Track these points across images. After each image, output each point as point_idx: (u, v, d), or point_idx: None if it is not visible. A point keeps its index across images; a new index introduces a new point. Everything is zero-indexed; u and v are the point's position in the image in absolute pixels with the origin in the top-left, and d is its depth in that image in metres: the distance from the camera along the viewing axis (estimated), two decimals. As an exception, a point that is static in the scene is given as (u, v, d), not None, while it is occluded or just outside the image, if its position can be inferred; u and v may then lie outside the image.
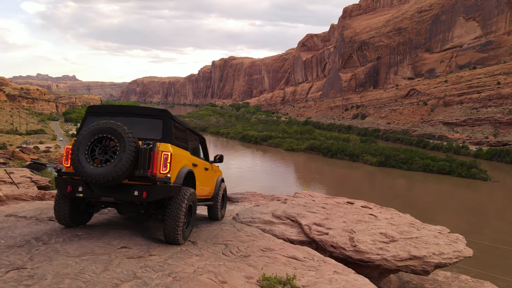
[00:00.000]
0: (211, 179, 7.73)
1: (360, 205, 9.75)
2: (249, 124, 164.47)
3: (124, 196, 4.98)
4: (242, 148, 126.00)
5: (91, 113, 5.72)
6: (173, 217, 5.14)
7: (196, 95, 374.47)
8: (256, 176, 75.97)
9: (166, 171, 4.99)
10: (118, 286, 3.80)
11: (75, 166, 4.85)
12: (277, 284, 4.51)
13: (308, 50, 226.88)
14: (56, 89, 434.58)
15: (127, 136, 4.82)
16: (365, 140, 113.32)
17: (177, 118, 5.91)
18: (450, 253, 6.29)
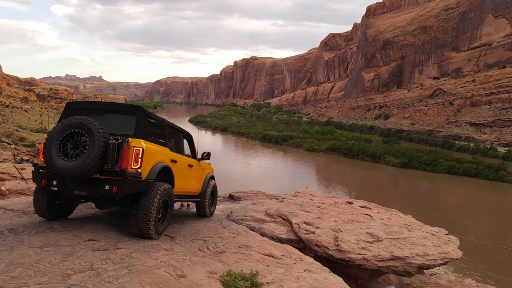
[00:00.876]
0: (198, 176, 7.69)
1: (358, 205, 9.45)
2: (270, 124, 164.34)
3: (96, 190, 5.05)
4: (262, 148, 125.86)
5: (69, 109, 5.80)
6: (145, 212, 5.17)
7: (218, 95, 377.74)
8: (276, 176, 75.66)
9: (137, 166, 5.04)
10: (69, 276, 3.74)
11: (46, 160, 4.98)
12: (239, 280, 4.37)
13: (331, 49, 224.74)
14: (83, 89, 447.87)
15: (97, 131, 4.88)
16: (388, 141, 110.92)
17: (154, 115, 5.93)
18: (435, 254, 5.97)
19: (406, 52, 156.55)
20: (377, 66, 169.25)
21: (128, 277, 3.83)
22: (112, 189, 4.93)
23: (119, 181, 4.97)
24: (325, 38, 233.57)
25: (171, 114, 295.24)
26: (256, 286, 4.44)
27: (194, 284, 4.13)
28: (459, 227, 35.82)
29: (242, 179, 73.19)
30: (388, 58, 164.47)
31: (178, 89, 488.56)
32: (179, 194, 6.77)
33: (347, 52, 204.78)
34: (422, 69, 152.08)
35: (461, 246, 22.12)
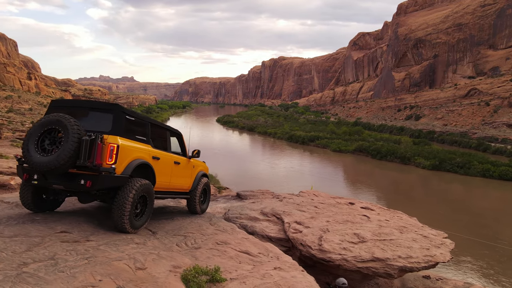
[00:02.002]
0: (187, 173, 7.77)
1: (360, 206, 9.17)
2: (297, 125, 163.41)
3: (72, 185, 5.23)
4: (288, 148, 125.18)
5: (53, 107, 6.01)
6: (120, 206, 5.31)
7: (246, 95, 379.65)
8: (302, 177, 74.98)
9: (112, 162, 5.20)
10: (26, 265, 3.81)
11: (24, 155, 5.22)
12: (201, 274, 4.32)
13: (360, 49, 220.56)
14: (116, 90, 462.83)
15: (71, 127, 5.06)
16: (418, 142, 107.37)
17: (134, 113, 6.05)
18: (419, 257, 5.68)
19: (439, 51, 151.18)
20: (408, 65, 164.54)
21: (83, 268, 3.87)
22: (87, 183, 5.11)
23: (94, 176, 5.13)
24: (354, 37, 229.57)
25: (200, 114, 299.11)
26: (217, 281, 4.40)
27: (150, 276, 4.12)
28: (490, 232, 34.13)
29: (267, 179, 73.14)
30: (420, 57, 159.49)
31: (207, 89, 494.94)
32: (164, 190, 6.89)
33: (377, 51, 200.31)
34: (456, 68, 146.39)
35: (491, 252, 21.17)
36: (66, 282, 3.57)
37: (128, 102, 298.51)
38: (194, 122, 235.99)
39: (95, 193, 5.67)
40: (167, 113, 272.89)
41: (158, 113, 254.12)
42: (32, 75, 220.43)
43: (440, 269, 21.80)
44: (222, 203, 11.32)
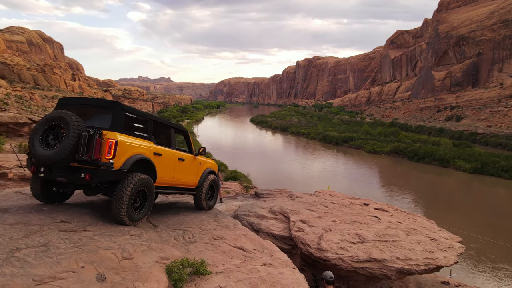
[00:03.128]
0: (192, 170, 7.90)
1: (373, 207, 8.90)
2: (331, 125, 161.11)
3: (73, 178, 5.50)
4: (322, 149, 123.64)
5: (61, 104, 6.32)
6: (118, 199, 5.54)
7: (280, 95, 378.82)
8: (335, 178, 73.78)
9: (110, 156, 5.41)
10: (18, 250, 4.02)
11: (30, 149, 5.57)
12: (187, 266, 4.39)
13: (398, 47, 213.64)
14: (153, 90, 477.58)
15: (72, 123, 5.32)
16: (459, 144, 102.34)
17: (136, 110, 6.25)
18: (419, 259, 5.42)
19: (483, 49, 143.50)
20: (450, 64, 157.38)
21: (70, 255, 4.04)
22: (86, 176, 5.36)
23: (93, 170, 5.37)
24: (392, 36, 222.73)
25: (233, 114, 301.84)
26: (201, 274, 4.44)
27: (133, 265, 4.23)
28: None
29: (299, 180, 72.64)
30: (462, 55, 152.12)
31: (241, 89, 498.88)
32: (168, 186, 7.07)
33: (416, 49, 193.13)
34: (502, 67, 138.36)
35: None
36: (49, 267, 3.75)
37: (165, 102, 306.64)
38: (228, 122, 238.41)
39: (98, 186, 5.90)
40: (202, 113, 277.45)
41: (193, 112, 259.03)
42: (76, 76, 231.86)
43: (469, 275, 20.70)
44: (239, 201, 11.39)
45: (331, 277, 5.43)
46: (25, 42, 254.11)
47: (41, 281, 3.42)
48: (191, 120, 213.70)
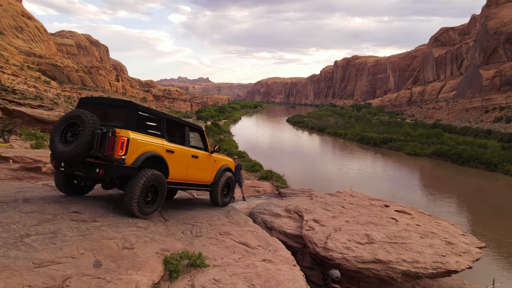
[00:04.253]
0: (206, 167, 8.08)
1: (394, 209, 8.62)
2: (369, 126, 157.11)
3: (89, 172, 5.84)
4: (359, 150, 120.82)
5: (82, 103, 6.73)
6: (130, 193, 5.80)
7: (317, 95, 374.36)
8: (373, 180, 71.88)
9: (122, 153, 5.66)
10: (28, 236, 4.30)
11: (50, 145, 5.97)
12: (185, 259, 4.49)
13: (442, 45, 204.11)
14: (192, 90, 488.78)
15: (88, 122, 5.65)
16: (509, 147, 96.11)
17: (150, 109, 6.52)
18: (427, 263, 5.16)
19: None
20: (499, 62, 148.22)
21: (73, 242, 4.26)
22: (100, 171, 5.66)
23: (106, 165, 5.66)
24: (436, 33, 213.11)
25: (270, 114, 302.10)
26: (198, 266, 4.52)
27: (132, 255, 4.38)
28: None
29: (334, 181, 71.47)
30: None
31: (278, 89, 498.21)
32: (181, 182, 7.28)
33: (462, 47, 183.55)
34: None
35: None
36: (51, 252, 3.98)
37: (203, 101, 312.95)
38: (265, 122, 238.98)
39: (113, 181, 6.20)
40: (239, 113, 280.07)
41: (230, 112, 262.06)
42: (120, 77, 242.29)
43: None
44: (261, 200, 11.43)
45: (337, 276, 5.35)
46: (74, 45, 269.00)
47: (40, 264, 3.65)
48: (228, 119, 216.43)
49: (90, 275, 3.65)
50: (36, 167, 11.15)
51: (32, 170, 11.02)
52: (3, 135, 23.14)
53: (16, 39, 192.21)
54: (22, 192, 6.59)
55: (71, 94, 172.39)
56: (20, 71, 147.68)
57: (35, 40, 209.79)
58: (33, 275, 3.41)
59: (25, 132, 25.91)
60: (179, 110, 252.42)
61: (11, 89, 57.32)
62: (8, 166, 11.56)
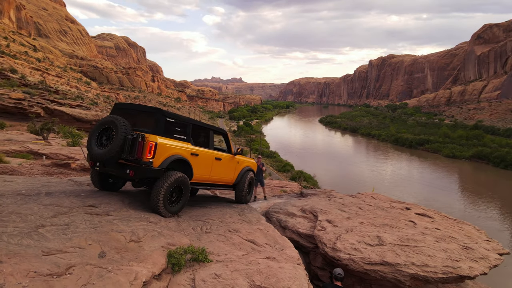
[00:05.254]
0: (229, 168, 8.46)
1: (414, 212, 8.36)
2: (404, 127, 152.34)
3: (121, 172, 6.32)
4: (393, 151, 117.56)
5: (116, 108, 7.26)
6: (156, 193, 6.22)
7: (351, 95, 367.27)
8: (408, 183, 69.74)
9: (150, 157, 6.10)
10: (43, 226, 4.57)
11: (87, 147, 6.52)
12: (188, 253, 4.62)
13: (485, 42, 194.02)
14: (225, 90, 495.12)
15: (120, 127, 6.15)
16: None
17: (177, 115, 6.94)
18: (438, 267, 4.96)
19: None
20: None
21: (82, 234, 4.48)
22: (130, 172, 6.12)
23: (135, 167, 6.13)
24: (478, 30, 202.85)
25: (303, 114, 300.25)
26: (200, 261, 4.64)
27: (137, 247, 4.55)
28: None
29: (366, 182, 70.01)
30: None
31: (311, 89, 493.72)
32: (205, 182, 7.72)
33: (507, 44, 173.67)
34: None
35: None
36: (60, 242, 4.21)
37: (235, 101, 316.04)
38: (297, 122, 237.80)
39: (142, 180, 6.67)
40: (271, 113, 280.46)
41: (263, 112, 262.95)
42: (155, 78, 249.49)
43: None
44: (283, 200, 11.44)
45: (339, 273, 5.33)
46: (113, 47, 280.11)
47: (48, 253, 3.88)
48: (260, 119, 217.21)
49: (93, 265, 3.85)
50: (66, 163, 11.77)
51: (62, 166, 11.66)
52: (42, 133, 24.55)
53: (60, 42, 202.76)
54: (47, 186, 7.00)
55: (109, 94, 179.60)
56: (63, 73, 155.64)
57: (77, 43, 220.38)
58: (40, 262, 3.64)
59: (63, 130, 27.36)
60: (212, 110, 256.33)
61: (53, 89, 60.54)
62: (41, 162, 12.30)
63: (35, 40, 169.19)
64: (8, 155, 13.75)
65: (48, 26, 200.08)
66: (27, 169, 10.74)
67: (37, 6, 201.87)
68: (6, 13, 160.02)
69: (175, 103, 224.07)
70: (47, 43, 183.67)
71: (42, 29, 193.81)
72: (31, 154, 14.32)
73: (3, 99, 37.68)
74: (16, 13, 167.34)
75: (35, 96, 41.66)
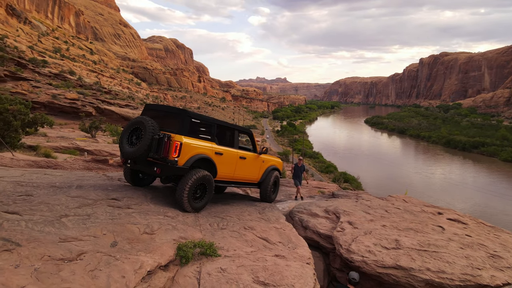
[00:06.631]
0: (254, 167, 8.70)
1: (446, 217, 7.95)
2: (457, 128, 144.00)
3: (149, 169, 6.77)
4: (444, 154, 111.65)
5: (146, 109, 7.72)
6: (181, 190, 6.58)
7: (399, 95, 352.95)
8: (460, 189, 65.95)
9: (176, 155, 6.47)
10: (66, 216, 4.92)
11: (119, 146, 6.97)
12: (197, 247, 4.77)
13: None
14: (269, 90, 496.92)
15: (148, 127, 6.60)
16: None
17: (202, 116, 7.36)
18: (455, 274, 4.69)
19: None
20: None
21: (99, 224, 4.78)
22: (157, 170, 6.52)
23: (162, 165, 6.51)
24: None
25: (348, 115, 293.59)
26: (209, 255, 4.77)
27: (149, 239, 4.76)
28: None
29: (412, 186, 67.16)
30: None
31: (357, 89, 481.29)
32: (229, 180, 7.95)
33: None
34: None
35: None
36: (78, 231, 4.52)
37: (280, 101, 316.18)
38: (342, 122, 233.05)
39: (169, 177, 7.04)
40: (315, 113, 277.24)
41: (307, 112, 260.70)
42: (201, 78, 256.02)
43: None
44: (314, 200, 11.37)
45: (353, 278, 5.23)
46: (162, 49, 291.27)
47: (65, 240, 4.18)
48: (304, 120, 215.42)
49: (103, 253, 4.09)
50: (105, 159, 12.51)
51: (101, 162, 12.40)
52: (91, 131, 26.20)
53: (114, 45, 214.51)
54: (80, 180, 7.51)
55: (158, 94, 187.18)
56: (116, 74, 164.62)
57: (129, 46, 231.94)
58: (55, 248, 3.94)
59: (109, 128, 29.11)
60: (256, 110, 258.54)
61: (105, 90, 64.17)
62: (83, 158, 13.18)
63: (91, 43, 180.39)
64: (57, 151, 14.87)
65: (103, 30, 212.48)
66: (70, 164, 11.56)
67: (94, 12, 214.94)
68: (66, 19, 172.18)
69: (220, 103, 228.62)
70: (103, 46, 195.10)
71: (98, 33, 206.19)
72: (78, 150, 15.38)
73: (59, 99, 40.64)
74: (76, 19, 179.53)
75: (88, 96, 44.45)
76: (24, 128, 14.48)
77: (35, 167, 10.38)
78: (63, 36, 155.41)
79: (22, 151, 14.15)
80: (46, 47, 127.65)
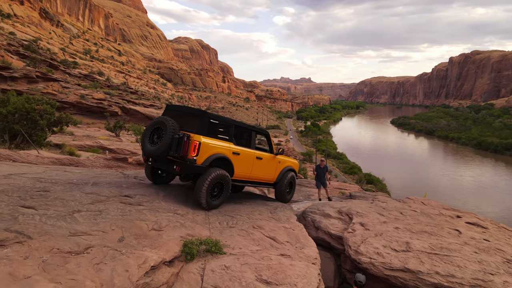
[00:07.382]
0: (270, 167, 8.86)
1: (466, 221, 7.70)
2: (489, 129, 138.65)
3: (169, 167, 7.01)
4: (475, 156, 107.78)
5: (168, 109, 7.98)
6: (199, 187, 6.80)
7: (428, 95, 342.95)
8: (491, 194, 63.53)
9: (194, 154, 6.71)
10: (79, 212, 5.10)
11: (141, 145, 7.26)
12: (203, 244, 4.85)
13: None
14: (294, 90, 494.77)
15: (169, 127, 6.87)
16: None
17: (221, 117, 7.57)
18: (465, 278, 4.54)
19: None
20: None
21: (109, 220, 4.93)
22: (176, 168, 6.75)
23: (181, 164, 6.75)
24: None
25: (373, 115, 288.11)
26: (214, 252, 4.83)
27: (156, 235, 4.87)
28: None
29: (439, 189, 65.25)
30: None
31: (383, 89, 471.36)
32: (245, 180, 8.14)
33: None
34: None
35: None
36: (88, 226, 4.67)
37: (304, 102, 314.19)
38: (367, 123, 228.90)
39: (188, 175, 7.29)
40: (340, 113, 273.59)
41: (331, 113, 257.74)
42: (226, 78, 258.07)
43: None
44: (332, 201, 11.30)
45: (359, 280, 5.17)
46: (188, 50, 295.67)
47: (74, 234, 4.35)
48: (329, 120, 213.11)
49: (110, 247, 4.23)
50: (124, 158, 12.88)
51: (121, 160, 12.78)
52: (115, 130, 26.96)
53: (141, 47, 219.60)
54: (97, 177, 7.77)
55: (183, 94, 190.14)
56: (143, 75, 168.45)
57: (156, 47, 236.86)
58: (64, 241, 4.11)
59: (133, 128, 29.91)
60: (280, 110, 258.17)
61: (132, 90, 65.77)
62: (104, 156, 13.60)
63: (120, 45, 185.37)
64: (81, 149, 15.42)
65: (131, 32, 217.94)
66: (91, 161, 11.97)
67: (122, 14, 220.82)
68: (96, 21, 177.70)
69: (244, 103, 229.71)
70: (130, 47, 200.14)
71: (126, 34, 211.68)
72: (101, 149, 15.88)
73: (87, 99, 42.03)
74: (105, 21, 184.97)
75: (114, 97, 45.71)
76: (50, 127, 15.12)
77: (58, 165, 10.81)
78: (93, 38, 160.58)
79: (48, 149, 14.77)
80: (77, 48, 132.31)
